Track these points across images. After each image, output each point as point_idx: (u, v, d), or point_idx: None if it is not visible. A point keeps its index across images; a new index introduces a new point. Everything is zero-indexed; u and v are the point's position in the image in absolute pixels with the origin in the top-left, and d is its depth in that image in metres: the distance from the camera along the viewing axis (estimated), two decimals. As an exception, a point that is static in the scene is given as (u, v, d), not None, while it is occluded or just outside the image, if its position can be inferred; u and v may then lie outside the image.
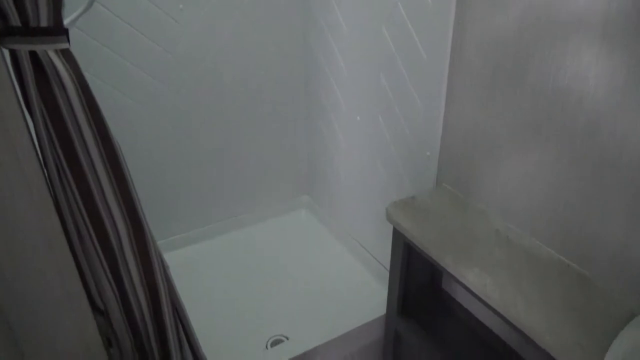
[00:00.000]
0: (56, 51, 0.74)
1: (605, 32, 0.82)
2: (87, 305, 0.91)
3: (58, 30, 0.74)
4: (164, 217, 1.85)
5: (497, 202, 1.13)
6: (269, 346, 1.50)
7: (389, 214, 1.19)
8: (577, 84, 0.88)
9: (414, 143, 1.35)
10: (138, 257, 0.91)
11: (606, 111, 0.84)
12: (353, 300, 1.65)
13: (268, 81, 1.83)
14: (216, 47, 1.68)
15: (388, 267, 1.41)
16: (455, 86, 1.16)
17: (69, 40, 0.77)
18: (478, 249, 1.05)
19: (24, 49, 0.71)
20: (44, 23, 0.71)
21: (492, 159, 1.11)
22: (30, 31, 0.71)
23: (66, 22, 0.78)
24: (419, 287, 1.36)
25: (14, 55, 0.72)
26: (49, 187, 0.80)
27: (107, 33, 1.48)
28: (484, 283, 0.96)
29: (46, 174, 0.80)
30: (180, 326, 1.08)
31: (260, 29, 1.73)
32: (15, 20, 0.69)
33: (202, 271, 1.81)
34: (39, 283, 0.86)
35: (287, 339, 1.54)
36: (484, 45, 1.05)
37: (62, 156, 0.78)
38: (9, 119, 0.71)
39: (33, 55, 0.72)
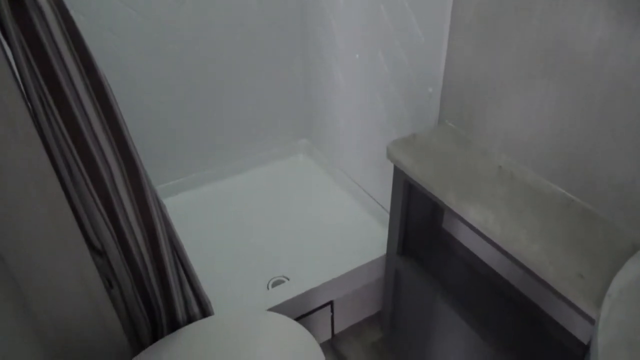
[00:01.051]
0: (31, -27, 0.68)
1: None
2: (83, 245, 0.90)
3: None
4: (159, 163, 1.82)
5: (500, 139, 1.10)
6: (270, 287, 1.52)
7: (389, 152, 1.16)
8: (587, 7, 0.82)
9: (415, 80, 1.30)
10: (132, 195, 0.89)
11: (619, 32, 0.79)
12: (353, 242, 1.65)
13: (264, 20, 1.75)
14: (208, -17, 1.59)
15: (388, 208, 1.41)
16: (459, 17, 1.09)
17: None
18: (480, 185, 1.03)
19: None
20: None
21: (496, 94, 1.07)
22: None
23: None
24: (419, 227, 1.35)
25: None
26: (35, 122, 0.77)
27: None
28: (485, 219, 0.94)
29: (30, 108, 0.77)
30: (180, 266, 1.07)
31: (253, -38, 1.63)
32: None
33: (201, 216, 1.81)
34: (31, 224, 0.84)
35: (288, 279, 1.55)
36: (491, -31, 0.98)
37: (45, 88, 0.74)
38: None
39: (5, -23, 0.67)
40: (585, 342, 1.05)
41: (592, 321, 0.80)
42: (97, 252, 0.96)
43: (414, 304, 1.37)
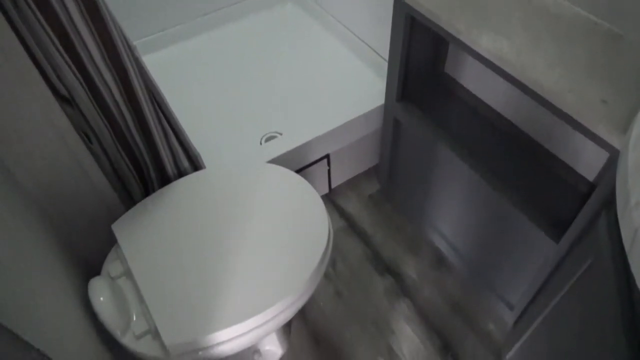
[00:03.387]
0: None
1: None
2: (47, 90, 0.80)
3: None
4: (134, 15, 1.64)
5: (518, -44, 0.94)
6: (263, 142, 1.45)
7: (389, -20, 1.01)
8: None
9: None
10: (94, 30, 0.77)
11: None
12: (349, 93, 1.56)
13: None
14: None
15: (386, 57, 1.28)
16: None
17: None
18: (495, 11, 0.90)
19: None
20: None
21: None
22: None
23: None
24: (420, 71, 1.25)
25: None
26: None
27: None
28: (499, 47, 0.84)
29: None
30: (162, 116, 0.99)
31: None
32: None
33: (185, 73, 1.68)
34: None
35: (281, 135, 1.48)
36: None
37: None
38: None
39: None
40: (591, 179, 1.01)
41: (610, 150, 0.74)
42: (66, 100, 0.86)
43: (412, 153, 1.32)
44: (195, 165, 1.10)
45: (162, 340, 0.81)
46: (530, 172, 1.07)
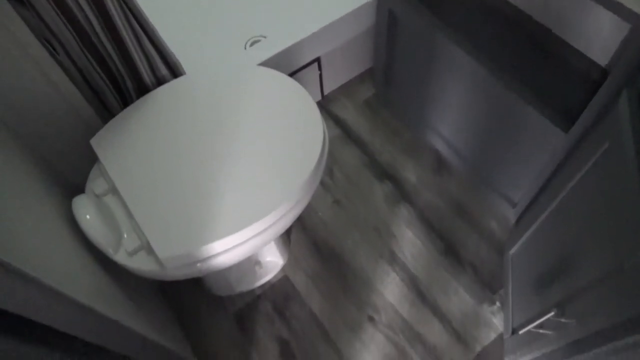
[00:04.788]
0: None
1: None
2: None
3: None
4: None
5: None
6: (247, 47, 1.35)
7: None
8: None
9: None
10: None
11: None
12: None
13: None
14: None
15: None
16: None
17: None
18: None
19: None
20: None
21: None
22: None
23: None
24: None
25: None
26: None
27: None
28: None
29: None
30: (131, 16, 0.88)
31: None
32: None
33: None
34: None
35: (266, 38, 1.37)
36: None
37: None
38: None
39: None
40: (604, 64, 0.94)
41: (634, 20, 0.66)
42: (18, 1, 0.76)
43: (409, 50, 1.22)
44: (175, 72, 1.02)
45: (156, 254, 0.78)
46: (537, 61, 0.99)
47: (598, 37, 0.91)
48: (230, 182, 0.84)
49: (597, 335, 0.66)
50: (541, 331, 0.82)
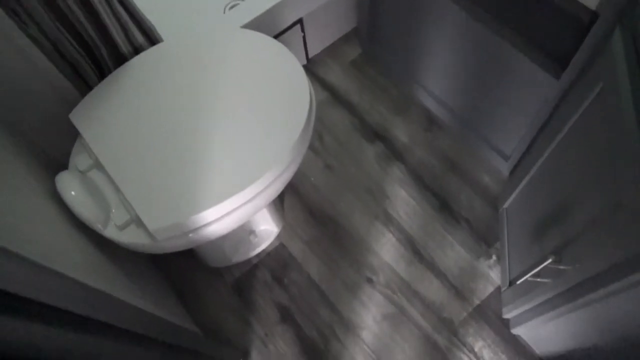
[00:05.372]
0: None
1: None
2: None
3: None
4: None
5: None
6: (227, 11, 1.30)
7: None
8: None
9: None
10: None
11: None
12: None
13: None
14: None
15: None
16: None
17: None
18: None
19: None
20: None
21: None
22: None
23: None
24: None
25: None
26: None
27: None
28: None
29: None
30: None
31: None
32: None
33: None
34: None
35: (244, 1, 1.32)
36: None
37: None
38: None
39: None
40: (593, 7, 0.91)
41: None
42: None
43: (393, 5, 1.19)
44: (152, 39, 0.98)
45: (146, 226, 0.76)
46: (526, 7, 0.96)
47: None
48: (217, 148, 0.82)
49: (595, 278, 0.66)
50: (539, 280, 0.82)
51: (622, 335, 0.68)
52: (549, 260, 0.73)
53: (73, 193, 0.77)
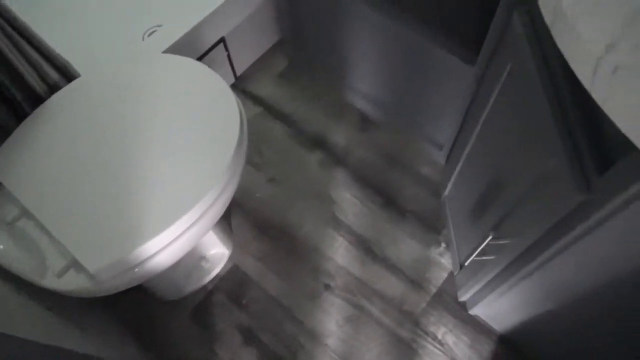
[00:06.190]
0: None
1: None
2: None
3: None
4: None
5: None
6: (145, 37, 1.28)
7: None
8: None
9: None
10: None
11: None
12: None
13: None
14: None
15: None
16: None
17: None
18: None
19: None
20: None
21: None
22: None
23: None
24: None
25: None
26: None
27: None
28: None
29: None
30: (2, 21, 0.80)
31: None
32: None
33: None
34: None
35: (162, 26, 1.31)
36: None
37: None
38: None
39: None
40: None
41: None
42: None
43: (313, 12, 1.21)
44: (67, 75, 0.94)
45: (86, 268, 0.73)
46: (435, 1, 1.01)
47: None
48: (151, 177, 0.80)
49: (533, 247, 0.69)
50: (485, 258, 0.85)
51: (569, 296, 0.71)
52: (490, 237, 0.76)
53: (1, 247, 0.73)
